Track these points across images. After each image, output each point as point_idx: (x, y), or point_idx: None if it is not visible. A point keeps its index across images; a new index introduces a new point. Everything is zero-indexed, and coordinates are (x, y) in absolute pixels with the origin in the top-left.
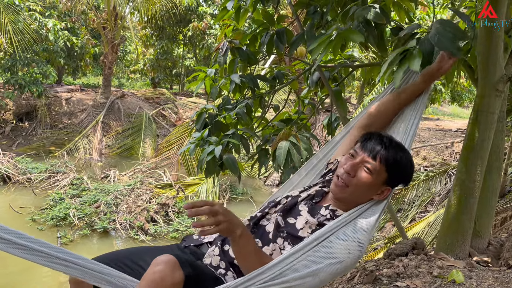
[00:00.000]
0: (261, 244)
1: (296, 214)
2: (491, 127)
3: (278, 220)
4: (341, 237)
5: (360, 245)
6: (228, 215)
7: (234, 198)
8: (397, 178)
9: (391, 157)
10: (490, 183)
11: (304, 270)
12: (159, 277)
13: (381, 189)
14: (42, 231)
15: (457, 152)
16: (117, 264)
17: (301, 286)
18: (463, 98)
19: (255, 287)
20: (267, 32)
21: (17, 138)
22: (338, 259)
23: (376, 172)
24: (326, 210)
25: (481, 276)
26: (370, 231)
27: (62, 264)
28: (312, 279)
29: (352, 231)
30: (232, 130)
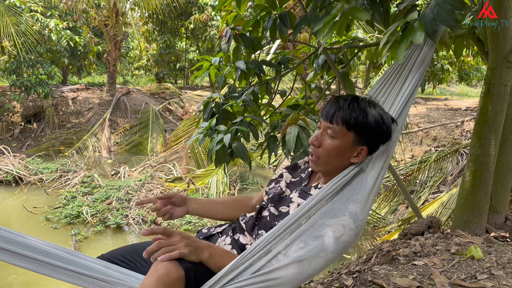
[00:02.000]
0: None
1: (288, 202)
2: (504, 100)
3: (271, 210)
4: (330, 215)
5: (353, 217)
6: (190, 241)
7: (244, 188)
8: (366, 136)
9: (347, 116)
10: (505, 157)
11: (299, 252)
12: (163, 272)
13: (356, 150)
14: (56, 229)
15: (467, 130)
16: (123, 260)
17: (306, 268)
18: (471, 77)
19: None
20: (269, 17)
21: (26, 140)
22: (335, 237)
23: (339, 135)
24: (316, 190)
25: (500, 251)
26: (363, 201)
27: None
28: (316, 261)
29: (340, 205)
30: (240, 117)
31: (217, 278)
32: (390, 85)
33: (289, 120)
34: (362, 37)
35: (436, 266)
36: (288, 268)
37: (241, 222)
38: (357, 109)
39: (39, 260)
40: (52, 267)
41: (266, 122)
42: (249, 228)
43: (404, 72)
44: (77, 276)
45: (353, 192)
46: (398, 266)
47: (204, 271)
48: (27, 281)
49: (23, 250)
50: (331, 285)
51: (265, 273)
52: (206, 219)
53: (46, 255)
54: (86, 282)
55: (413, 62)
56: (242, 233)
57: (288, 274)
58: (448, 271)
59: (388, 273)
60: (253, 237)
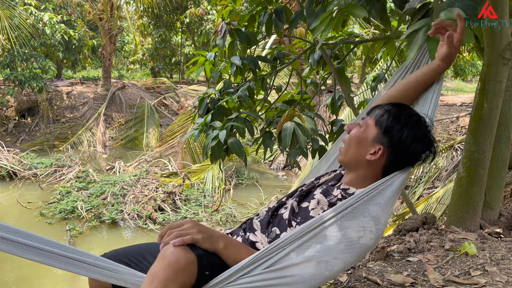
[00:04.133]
0: (279, 231)
1: (310, 198)
2: (499, 96)
3: (293, 205)
4: (351, 216)
5: (375, 219)
6: (203, 228)
7: (240, 183)
8: (389, 135)
9: (382, 111)
10: (500, 153)
11: (317, 252)
12: (171, 259)
13: (373, 147)
14: (51, 224)
15: (462, 126)
16: (126, 260)
17: (323, 269)
18: (466, 72)
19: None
20: (265, 11)
21: (20, 134)
22: (354, 238)
23: (365, 125)
24: (338, 190)
25: (493, 247)
26: (385, 204)
27: (72, 264)
28: (334, 262)
29: (363, 207)
30: (236, 113)
31: (233, 271)
32: None
33: (285, 117)
34: (358, 32)
35: (430, 262)
36: (304, 267)
37: (255, 220)
38: (396, 113)
39: (39, 249)
40: (53, 255)
41: (261, 118)
42: (263, 226)
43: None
44: (78, 264)
45: (375, 195)
46: (392, 263)
47: (218, 262)
48: (23, 277)
49: (22, 238)
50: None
51: (278, 269)
52: (202, 214)
53: (46, 243)
54: (88, 270)
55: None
56: (252, 232)
57: (303, 273)
58: (442, 268)
59: (382, 270)
60: (266, 234)
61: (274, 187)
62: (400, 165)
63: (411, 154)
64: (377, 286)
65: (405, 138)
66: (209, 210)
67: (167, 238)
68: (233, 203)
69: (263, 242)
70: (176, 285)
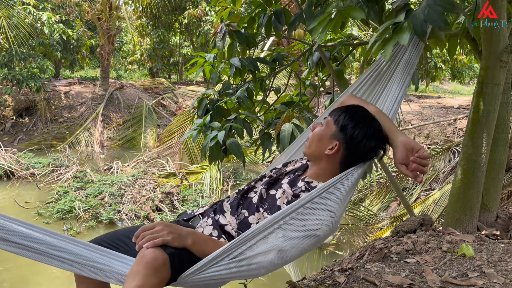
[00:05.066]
0: (248, 214)
1: (278, 186)
2: (496, 99)
3: (262, 192)
4: (311, 210)
5: (331, 213)
6: (173, 228)
7: (238, 184)
8: (345, 133)
9: (340, 111)
10: (497, 156)
11: (279, 241)
12: (150, 257)
13: (331, 143)
14: (48, 224)
15: (459, 128)
16: (113, 244)
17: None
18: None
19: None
20: (264, 13)
21: (18, 134)
22: (312, 230)
23: (326, 123)
24: (302, 182)
25: (491, 249)
26: (341, 199)
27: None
28: (293, 250)
29: (321, 201)
30: (234, 114)
31: (202, 263)
32: (372, 84)
33: (283, 118)
34: (356, 34)
35: (428, 263)
36: (267, 255)
37: (225, 203)
38: (352, 113)
39: (29, 247)
40: (43, 253)
41: (260, 119)
42: (233, 208)
43: (388, 71)
44: (67, 262)
45: (333, 190)
46: (390, 264)
47: (189, 256)
48: (20, 276)
49: (12, 236)
50: (323, 282)
51: (244, 258)
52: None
53: (36, 241)
54: (76, 268)
55: (398, 62)
56: (222, 214)
57: (266, 260)
58: (439, 269)
59: (380, 271)
60: (235, 216)
61: None
62: (355, 160)
63: (363, 150)
64: (375, 287)
65: (357, 135)
66: None
67: (141, 242)
68: None
69: (232, 224)
70: (157, 279)
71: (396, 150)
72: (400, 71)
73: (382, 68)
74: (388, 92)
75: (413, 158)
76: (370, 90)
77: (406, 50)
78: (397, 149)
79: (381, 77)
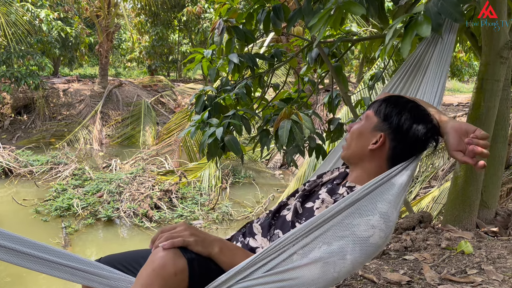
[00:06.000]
0: (282, 234)
1: (315, 198)
2: (496, 95)
3: (297, 206)
4: (359, 214)
5: (384, 217)
6: (197, 231)
7: (237, 182)
8: (388, 121)
9: (380, 102)
10: (496, 152)
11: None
12: (159, 264)
13: (375, 136)
14: (46, 222)
15: None
16: (121, 267)
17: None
18: (463, 72)
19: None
20: (263, 9)
21: (16, 132)
22: (363, 237)
23: (366, 117)
24: (343, 188)
25: (490, 246)
26: (393, 201)
27: (65, 271)
28: (342, 263)
29: (370, 204)
30: (233, 111)
31: (230, 274)
32: (407, 82)
33: (282, 115)
34: (356, 30)
35: (426, 260)
36: (308, 269)
37: (255, 224)
38: (394, 100)
39: (31, 255)
40: (45, 262)
41: (258, 115)
42: (264, 229)
43: (421, 69)
44: (70, 271)
45: (383, 191)
46: (389, 261)
47: (212, 268)
48: (20, 273)
49: (15, 244)
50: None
51: (280, 272)
52: (198, 213)
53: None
54: (79, 277)
55: (430, 57)
56: (252, 237)
57: (308, 274)
58: (438, 266)
59: (379, 268)
60: (268, 238)
61: (270, 186)
62: (406, 152)
63: (414, 138)
64: (374, 284)
65: (404, 121)
66: (205, 208)
67: (158, 241)
68: (230, 202)
69: (264, 247)
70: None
71: (448, 137)
72: (435, 63)
73: (415, 65)
74: (425, 87)
75: (468, 140)
76: (406, 89)
77: (437, 42)
78: (449, 136)
79: (414, 75)
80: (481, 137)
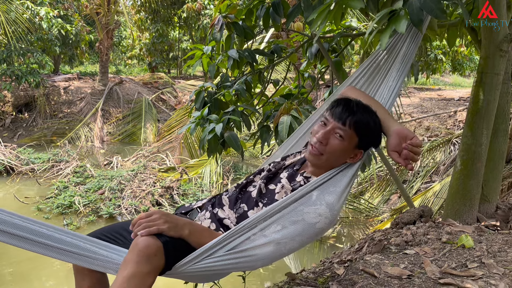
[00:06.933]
0: (247, 208)
1: (277, 181)
2: (496, 89)
3: (261, 186)
4: (309, 203)
5: (330, 207)
6: (169, 218)
7: (238, 178)
8: (368, 141)
9: (360, 121)
10: (497, 146)
11: (277, 234)
12: (143, 245)
13: (354, 152)
14: (48, 219)
15: (460, 120)
16: (112, 236)
17: (282, 248)
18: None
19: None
20: (262, 5)
21: (18, 130)
22: (311, 223)
23: (348, 138)
24: (301, 177)
25: (490, 239)
26: (340, 192)
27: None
28: (292, 243)
29: (319, 195)
30: (232, 107)
31: (197, 253)
32: (371, 75)
33: (281, 110)
34: (355, 26)
35: (427, 255)
36: (264, 247)
37: (224, 196)
38: (368, 116)
39: (28, 239)
40: (42, 245)
41: (258, 111)
42: (231, 202)
43: (387, 63)
44: (67, 253)
45: (332, 184)
46: (389, 255)
47: (185, 247)
48: (21, 270)
49: (12, 229)
50: (322, 274)
51: (241, 251)
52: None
53: (35, 234)
54: (75, 259)
55: (397, 53)
56: (221, 208)
57: (263, 252)
58: (439, 260)
59: (379, 262)
60: (234, 210)
61: None
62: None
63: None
64: (374, 278)
65: (377, 134)
66: None
67: (136, 229)
68: None
69: (231, 217)
70: (148, 266)
71: (389, 138)
72: (398, 62)
73: (381, 59)
74: (386, 83)
75: (405, 145)
76: (369, 82)
77: (405, 41)
78: (391, 137)
79: (379, 68)
80: (415, 144)
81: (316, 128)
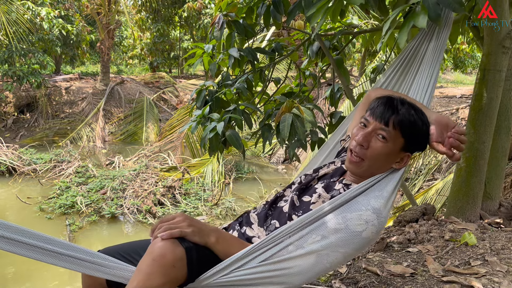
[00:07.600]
0: (279, 224)
1: (312, 192)
2: (498, 86)
3: (294, 199)
4: (353, 209)
5: (377, 212)
6: (195, 222)
7: (240, 177)
8: (414, 142)
9: (405, 120)
10: (500, 143)
11: (316, 245)
12: (158, 254)
13: (400, 156)
14: (50, 219)
15: (462, 118)
16: (120, 257)
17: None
18: (466, 64)
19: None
20: (263, 3)
21: (19, 130)
22: (356, 232)
23: (392, 139)
24: (340, 184)
25: (493, 237)
26: (386, 197)
27: (69, 261)
28: (334, 255)
29: (364, 200)
30: (234, 105)
31: (226, 263)
32: (401, 76)
33: (283, 108)
34: (357, 23)
35: (430, 252)
36: (303, 259)
37: (252, 214)
38: (414, 115)
39: (35, 246)
40: (49, 253)
41: (260, 110)
42: (261, 219)
43: (416, 61)
44: (74, 261)
45: (377, 188)
46: (392, 253)
47: (210, 256)
48: (23, 269)
49: (19, 236)
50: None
51: (276, 262)
52: (202, 208)
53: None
54: (83, 267)
55: (425, 51)
56: (249, 226)
57: (302, 264)
58: (442, 258)
59: (382, 260)
60: (264, 228)
61: (274, 180)
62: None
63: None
64: (377, 276)
65: (425, 135)
66: (208, 204)
67: (156, 232)
68: (233, 197)
69: (261, 236)
70: (162, 279)
71: (431, 128)
72: (429, 58)
73: (410, 58)
74: (418, 82)
75: (450, 133)
76: (400, 83)
77: (432, 36)
78: (431, 128)
79: (409, 67)
80: (460, 132)
81: (356, 130)
